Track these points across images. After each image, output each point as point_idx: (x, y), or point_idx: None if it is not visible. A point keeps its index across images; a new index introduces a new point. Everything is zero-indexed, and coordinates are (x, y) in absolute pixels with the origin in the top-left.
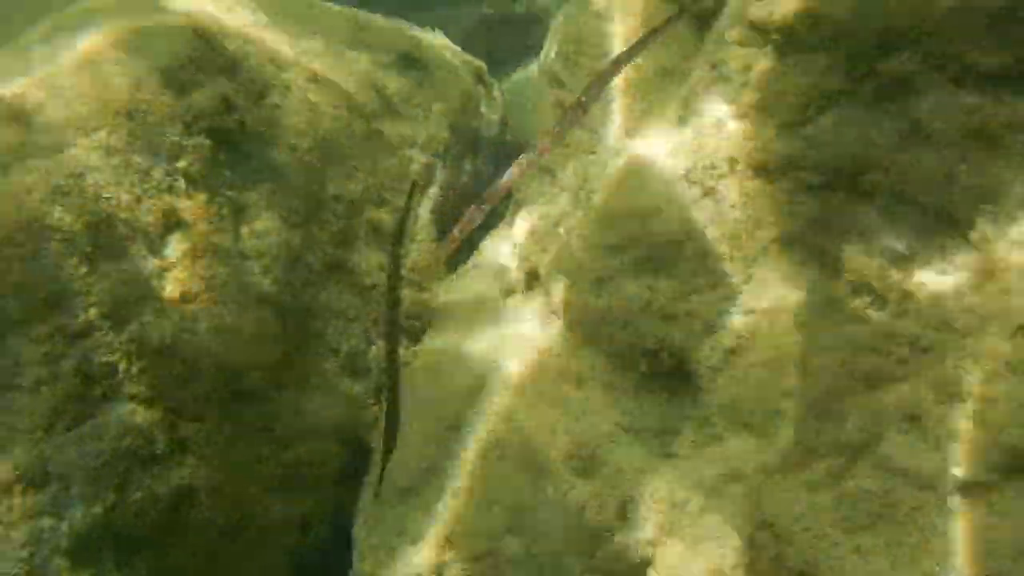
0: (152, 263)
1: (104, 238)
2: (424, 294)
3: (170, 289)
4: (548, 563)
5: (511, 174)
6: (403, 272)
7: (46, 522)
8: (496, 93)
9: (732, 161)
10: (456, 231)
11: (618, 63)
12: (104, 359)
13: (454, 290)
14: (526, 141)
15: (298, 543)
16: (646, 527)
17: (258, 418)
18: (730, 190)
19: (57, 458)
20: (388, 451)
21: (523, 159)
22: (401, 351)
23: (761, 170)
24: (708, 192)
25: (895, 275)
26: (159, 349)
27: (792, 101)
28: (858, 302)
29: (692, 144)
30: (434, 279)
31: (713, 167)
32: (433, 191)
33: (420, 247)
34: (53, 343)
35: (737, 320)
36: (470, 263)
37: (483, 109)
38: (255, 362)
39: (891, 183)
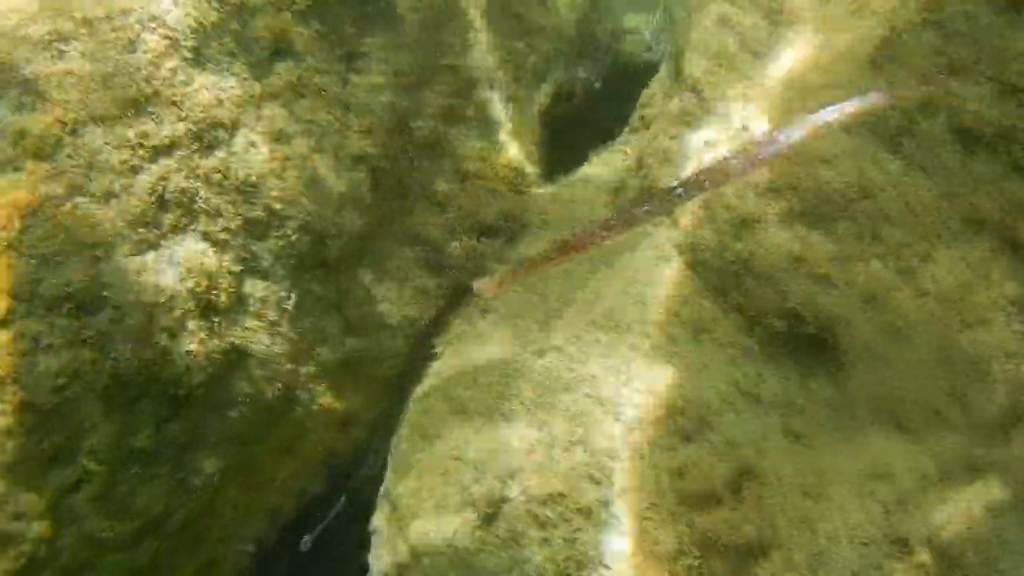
0: (254, 87)
1: (209, 41)
2: (521, 196)
3: (265, 123)
4: None
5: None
6: None
7: (86, 354)
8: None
9: (934, 119)
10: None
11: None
12: (184, 184)
13: (557, 201)
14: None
15: (335, 440)
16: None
17: (330, 293)
18: (921, 152)
19: (116, 283)
20: None
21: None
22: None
23: (970, 137)
24: (895, 148)
25: None
26: (244, 186)
27: None
28: None
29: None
30: (532, 185)
31: (910, 125)
32: (545, 88)
33: (520, 146)
34: (134, 151)
35: (907, 302)
36: (578, 174)
37: (604, 15)
38: (339, 227)
39: None
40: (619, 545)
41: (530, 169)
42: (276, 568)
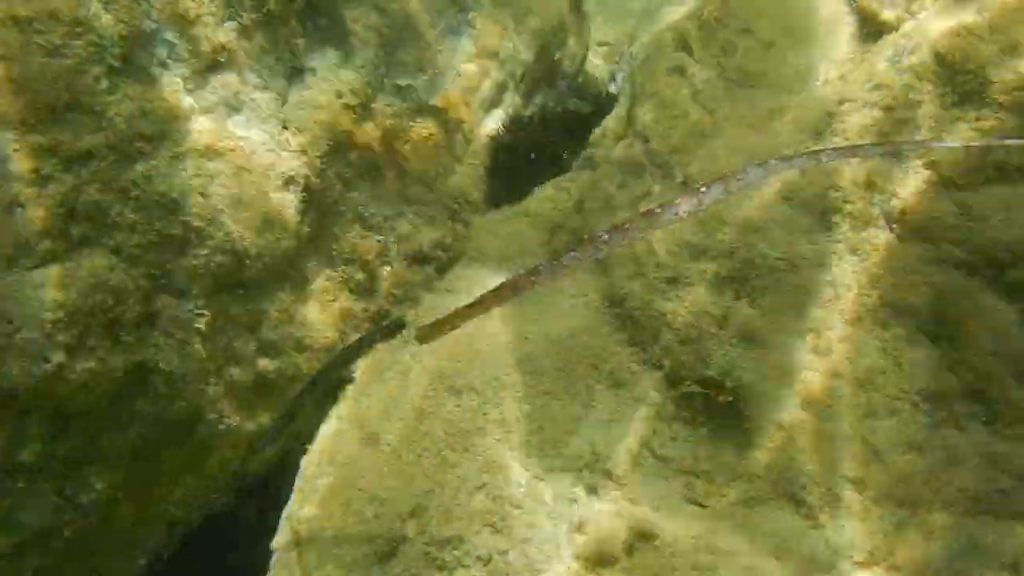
0: (185, 101)
1: (138, 55)
2: (459, 224)
3: (195, 138)
4: None
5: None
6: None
7: None
8: (586, 28)
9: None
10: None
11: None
12: (96, 196)
13: (494, 234)
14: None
15: (243, 458)
16: None
17: (246, 313)
18: (852, 232)
19: (12, 296)
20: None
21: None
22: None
23: (904, 223)
24: (827, 225)
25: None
26: (162, 202)
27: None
28: (966, 409)
29: None
30: (475, 211)
31: (844, 203)
32: (497, 113)
33: (468, 173)
34: (47, 160)
35: (820, 382)
36: (519, 207)
37: (571, 41)
38: (264, 248)
39: None
40: None
41: (475, 195)
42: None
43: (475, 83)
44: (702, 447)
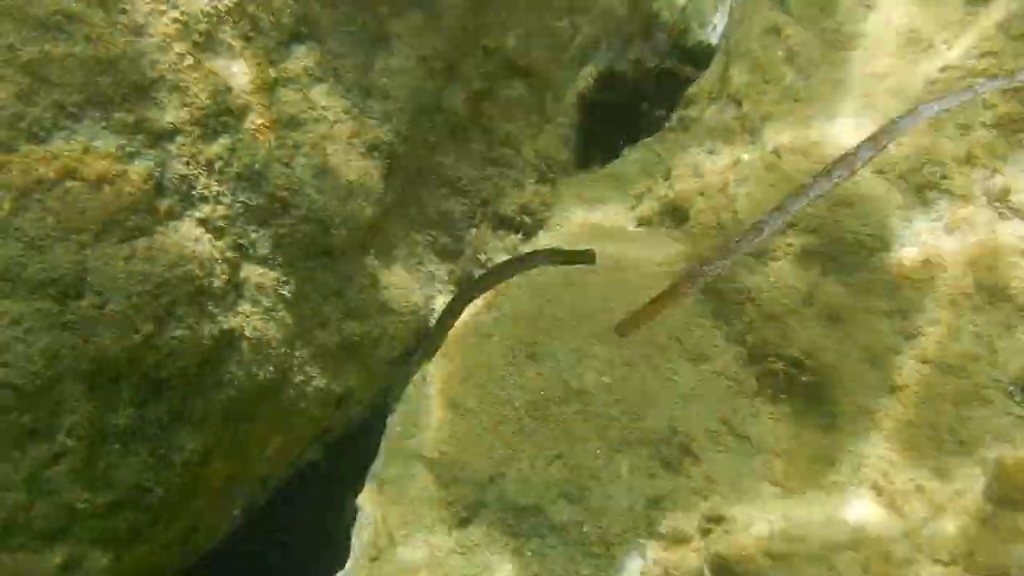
0: (267, 73)
1: (222, 26)
2: (546, 186)
3: (275, 110)
4: None
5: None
6: None
7: (68, 339)
8: None
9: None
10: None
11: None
12: (182, 170)
13: (582, 200)
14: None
15: (330, 420)
16: None
17: (332, 279)
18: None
19: (99, 270)
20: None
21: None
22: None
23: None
24: (924, 201)
25: None
26: (246, 174)
27: None
28: None
29: None
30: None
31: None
32: (587, 71)
33: (556, 133)
34: (131, 136)
35: (908, 366)
36: (608, 169)
37: None
38: (347, 216)
39: None
40: None
41: (564, 156)
42: (266, 527)
43: (565, 40)
44: (783, 427)
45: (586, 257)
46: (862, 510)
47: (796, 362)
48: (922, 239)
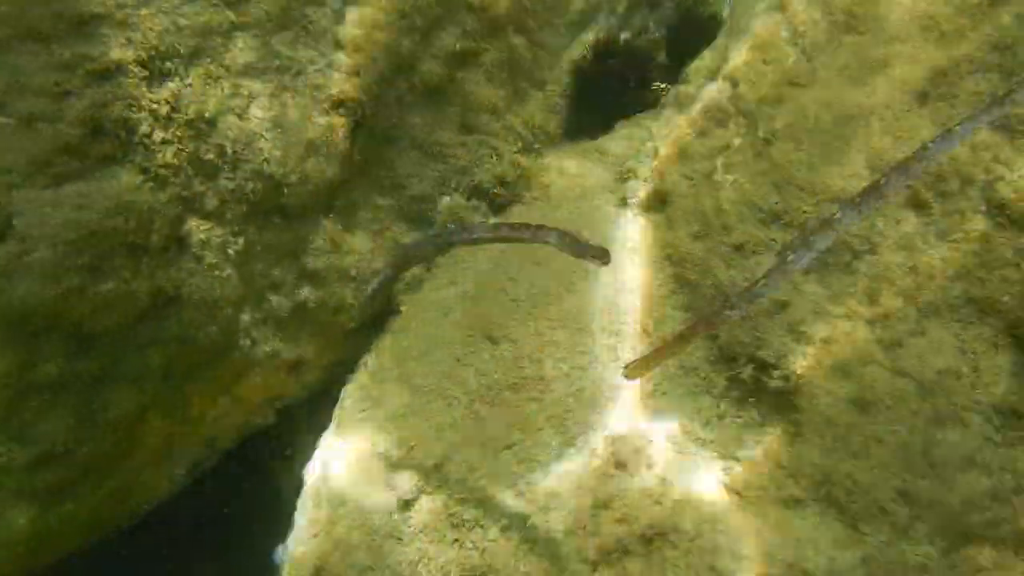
0: (225, 15)
1: None
2: (525, 159)
3: (232, 54)
4: None
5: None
6: None
7: None
8: None
9: (969, 184)
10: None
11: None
12: (124, 113)
13: (563, 175)
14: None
15: (282, 383)
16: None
17: (286, 240)
18: (945, 217)
19: (27, 214)
20: None
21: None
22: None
23: (1003, 212)
24: (919, 205)
25: None
26: (195, 122)
27: None
28: None
29: None
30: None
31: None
32: (586, 37)
33: (546, 101)
34: (69, 73)
35: (883, 379)
36: (595, 143)
37: None
38: (307, 174)
39: None
40: None
41: (551, 126)
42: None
43: (559, 4)
44: (748, 432)
45: (600, 256)
46: (826, 530)
47: (766, 365)
48: (912, 244)
